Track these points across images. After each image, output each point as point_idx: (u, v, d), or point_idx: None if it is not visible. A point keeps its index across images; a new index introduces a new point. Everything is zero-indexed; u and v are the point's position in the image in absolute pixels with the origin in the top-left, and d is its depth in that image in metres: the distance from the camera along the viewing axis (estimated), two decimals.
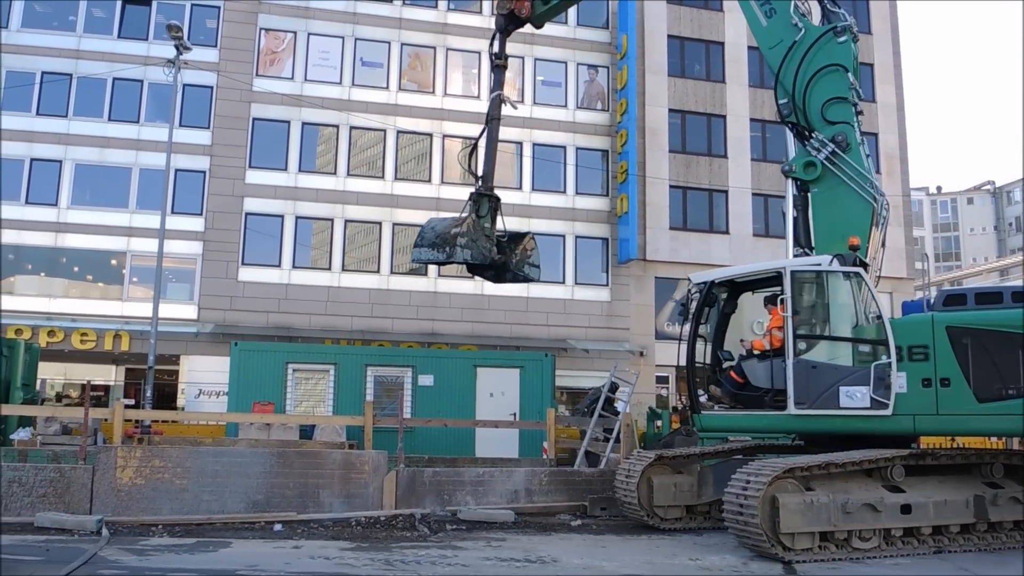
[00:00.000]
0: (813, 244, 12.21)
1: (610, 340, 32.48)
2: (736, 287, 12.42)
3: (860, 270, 11.23)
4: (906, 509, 10.21)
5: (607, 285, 33.52)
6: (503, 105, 13.31)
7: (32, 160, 30.64)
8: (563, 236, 33.54)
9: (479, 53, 34.15)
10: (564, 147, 34.29)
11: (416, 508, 12.64)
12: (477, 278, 16.09)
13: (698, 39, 35.78)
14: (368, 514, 12.27)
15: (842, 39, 12.47)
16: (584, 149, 34.46)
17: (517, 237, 12.98)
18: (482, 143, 14.03)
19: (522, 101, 34.22)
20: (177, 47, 24.79)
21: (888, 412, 10.55)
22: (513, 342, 31.02)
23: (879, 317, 11.00)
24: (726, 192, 34.61)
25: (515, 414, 20.60)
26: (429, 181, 33.04)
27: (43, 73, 31.14)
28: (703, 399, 11.88)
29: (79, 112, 31.27)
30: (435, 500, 13.00)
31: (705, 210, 34.61)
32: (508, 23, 14.59)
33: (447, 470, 13.80)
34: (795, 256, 12.75)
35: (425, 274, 32.11)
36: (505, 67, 13.33)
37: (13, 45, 31.21)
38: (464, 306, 31.97)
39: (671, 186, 33.95)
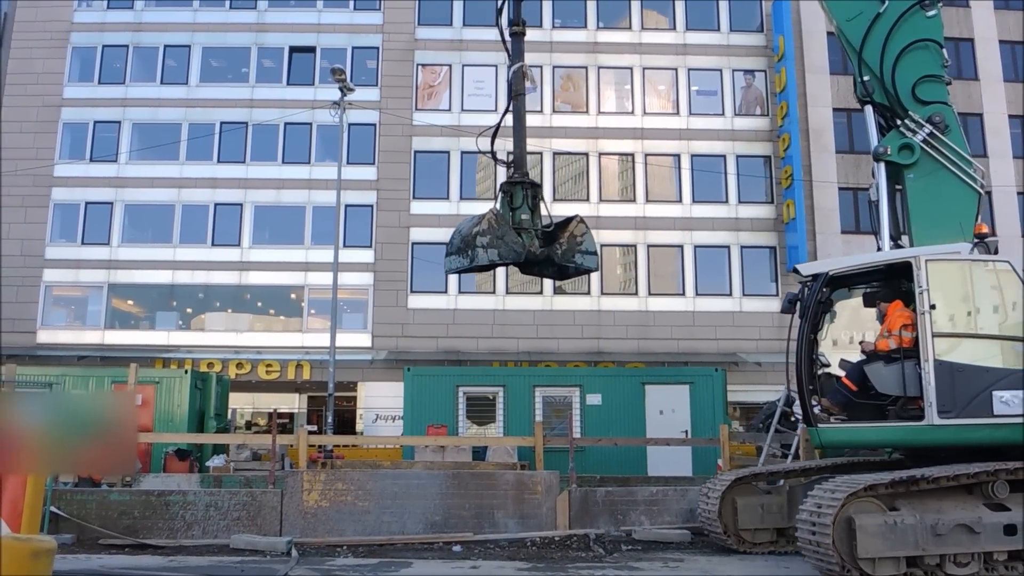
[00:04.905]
0: (911, 234, 11.05)
1: (783, 352, 31.15)
2: (834, 282, 10.97)
3: (1010, 259, 9.98)
4: (1010, 530, 8.88)
5: (777, 295, 32.37)
6: (525, 79, 11.74)
7: (216, 205, 32.87)
8: (728, 247, 32.71)
9: (630, 69, 34.04)
10: (724, 156, 33.52)
11: (590, 528, 12.52)
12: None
13: None
14: (543, 534, 12.26)
15: (931, 13, 11.40)
16: (745, 156, 33.55)
17: (564, 223, 11.11)
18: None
19: (677, 113, 33.81)
20: (341, 89, 26.00)
21: None
22: (681, 358, 30.44)
23: None
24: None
25: (687, 431, 20.15)
26: (587, 200, 33.06)
27: (221, 123, 33.43)
28: (817, 410, 10.45)
29: (255, 157, 33.32)
30: (608, 520, 12.84)
31: None
32: None
33: (619, 489, 13.61)
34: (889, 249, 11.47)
35: (588, 293, 32.09)
36: (523, 34, 11.64)
37: (194, 99, 33.70)
38: (629, 323, 31.70)
39: (840, 188, 32.56)
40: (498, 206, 10.85)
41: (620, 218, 32.82)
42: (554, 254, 10.84)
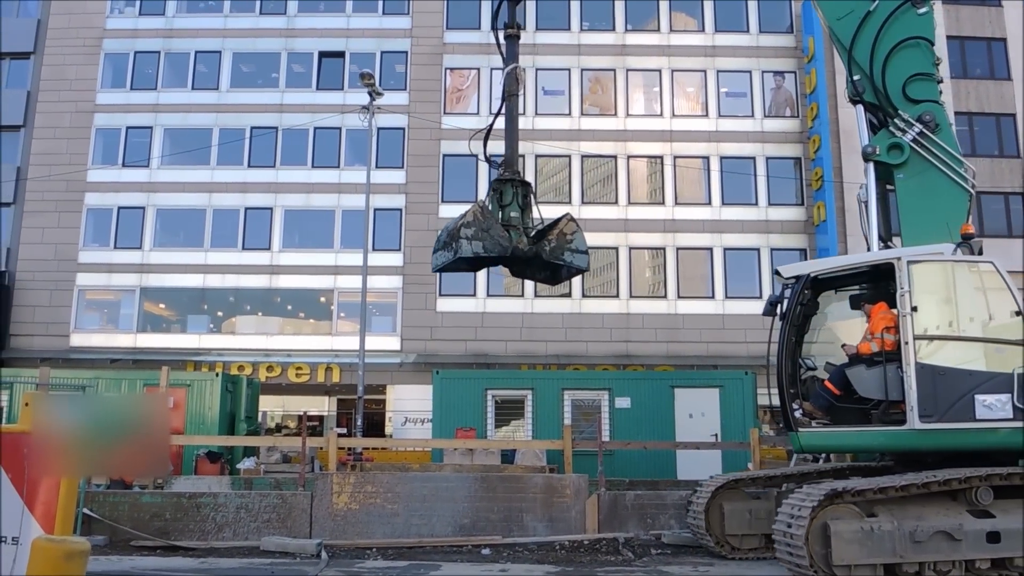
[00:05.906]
0: (902, 235, 10.90)
1: (814, 355, 30.96)
2: (819, 284, 10.91)
3: (994, 260, 9.74)
4: (994, 537, 8.62)
5: None
6: (518, 81, 11.78)
7: (247, 209, 33.16)
8: (757, 249, 32.46)
9: (659, 72, 33.91)
10: (753, 158, 33.28)
11: (619, 532, 12.48)
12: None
13: None
14: (572, 538, 12.22)
15: (922, 10, 11.26)
16: (775, 158, 33.29)
17: (554, 222, 11.12)
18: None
19: (706, 115, 33.63)
20: (370, 94, 26.09)
21: None
22: (710, 361, 30.26)
23: (1019, 313, 9.43)
24: None
25: (716, 435, 20.01)
26: (616, 202, 32.98)
27: (252, 128, 33.71)
28: (798, 414, 10.26)
29: (285, 161, 33.57)
30: (638, 524, 12.78)
31: None
32: None
33: (649, 493, 13.53)
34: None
35: (617, 296, 31.99)
36: (518, 36, 11.82)
37: (225, 105, 34.01)
38: (658, 326, 31.55)
39: None
40: (487, 203, 10.84)
41: (649, 221, 32.69)
42: (543, 251, 10.71)
